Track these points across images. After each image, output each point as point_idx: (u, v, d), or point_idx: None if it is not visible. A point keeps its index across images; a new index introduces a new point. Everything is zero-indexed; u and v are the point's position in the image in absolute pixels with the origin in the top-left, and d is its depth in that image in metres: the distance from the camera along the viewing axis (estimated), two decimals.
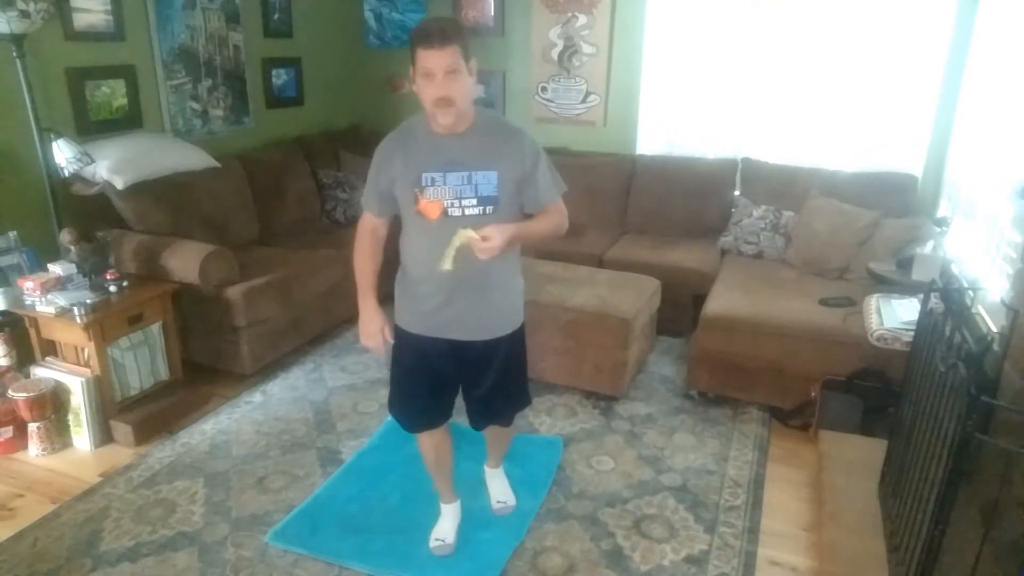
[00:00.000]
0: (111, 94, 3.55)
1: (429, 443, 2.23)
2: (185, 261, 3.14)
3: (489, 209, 1.84)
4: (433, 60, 1.69)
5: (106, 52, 3.50)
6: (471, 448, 2.75)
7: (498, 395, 2.14)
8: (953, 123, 3.85)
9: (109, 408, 2.91)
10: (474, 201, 1.83)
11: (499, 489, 2.53)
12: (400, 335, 2.07)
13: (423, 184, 1.83)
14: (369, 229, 2.05)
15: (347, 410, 3.20)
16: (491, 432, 2.35)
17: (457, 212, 1.84)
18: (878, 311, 2.92)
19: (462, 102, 1.76)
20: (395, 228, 2.05)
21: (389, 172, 1.90)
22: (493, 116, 1.96)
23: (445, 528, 2.35)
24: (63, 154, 2.98)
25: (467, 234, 1.76)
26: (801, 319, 3.06)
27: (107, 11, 3.45)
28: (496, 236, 1.75)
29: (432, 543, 2.32)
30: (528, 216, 1.98)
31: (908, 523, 1.97)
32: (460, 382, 2.15)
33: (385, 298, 2.08)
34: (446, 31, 1.70)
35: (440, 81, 1.71)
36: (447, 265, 1.79)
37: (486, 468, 2.56)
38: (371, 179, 1.96)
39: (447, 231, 1.79)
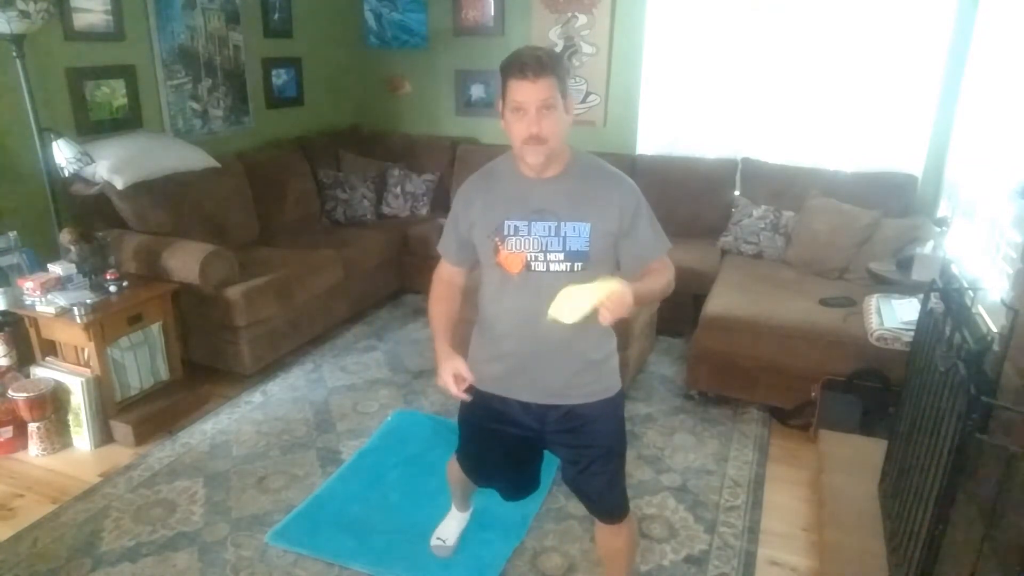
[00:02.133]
0: (111, 94, 3.55)
1: (458, 475, 2.08)
2: (185, 261, 3.14)
3: (578, 266, 1.61)
4: (526, 93, 1.51)
5: (106, 52, 3.50)
6: None
7: (588, 475, 1.82)
8: (953, 123, 3.85)
9: (109, 408, 2.91)
10: (561, 256, 1.61)
11: None
12: (476, 395, 1.79)
13: (505, 233, 1.63)
14: (445, 278, 1.85)
15: (347, 410, 3.20)
16: (600, 539, 1.96)
17: (541, 267, 1.62)
18: (878, 311, 2.92)
19: (555, 141, 1.56)
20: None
21: (469, 216, 1.70)
22: (590, 160, 1.71)
23: (448, 529, 2.34)
24: (63, 154, 2.98)
25: (607, 287, 1.45)
26: (801, 319, 3.06)
27: (107, 11, 3.45)
28: (624, 301, 1.44)
29: (433, 541, 2.32)
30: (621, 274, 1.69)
31: (908, 523, 1.96)
32: (537, 452, 1.91)
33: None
34: (543, 61, 1.50)
35: (532, 117, 1.52)
36: (571, 318, 1.48)
37: None
38: (449, 223, 1.78)
39: (530, 287, 1.62)
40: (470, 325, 1.87)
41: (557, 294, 1.51)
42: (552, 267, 1.62)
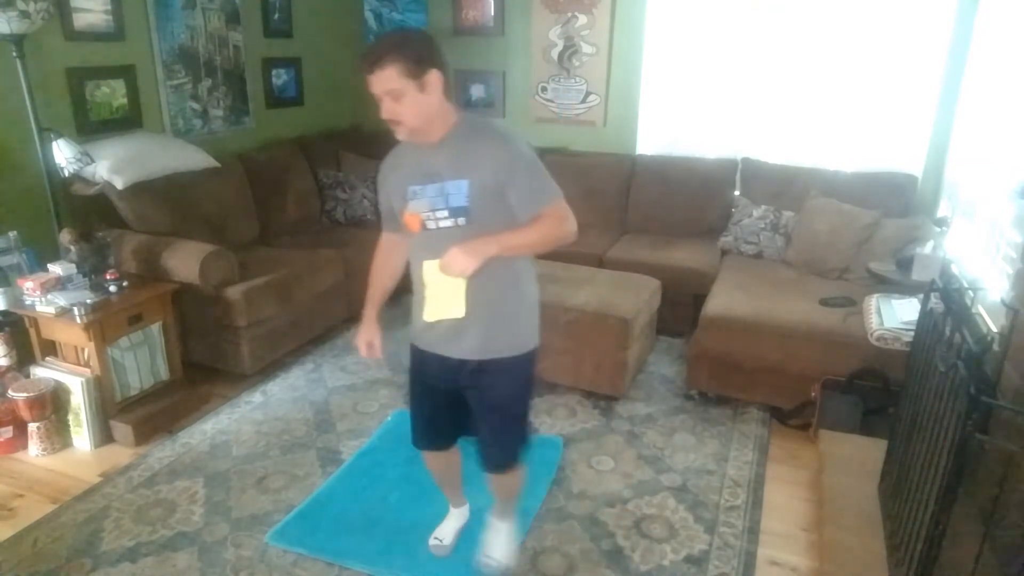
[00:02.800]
0: (111, 94, 3.55)
1: (431, 463, 2.21)
2: (185, 261, 3.14)
3: (461, 220, 1.74)
4: (371, 85, 1.67)
5: (106, 52, 3.50)
6: (470, 447, 2.75)
7: (486, 431, 1.99)
8: (953, 123, 3.85)
9: (109, 408, 2.91)
10: (446, 212, 1.75)
11: (492, 543, 2.26)
12: (411, 350, 2.02)
13: (407, 197, 1.80)
14: (383, 245, 2.05)
15: (347, 410, 3.20)
16: (489, 477, 2.14)
17: (433, 224, 1.77)
18: (878, 311, 2.92)
19: (413, 120, 1.70)
20: None
21: (387, 187, 1.91)
22: (475, 123, 1.82)
23: (446, 529, 2.35)
24: (63, 154, 2.98)
25: (428, 268, 1.76)
26: (801, 319, 3.06)
27: (107, 11, 3.45)
28: (460, 258, 1.69)
29: (431, 541, 2.32)
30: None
31: (908, 523, 1.96)
32: (463, 407, 2.00)
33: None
34: (379, 54, 1.63)
35: (384, 104, 1.68)
36: (432, 315, 1.80)
37: (489, 516, 2.30)
38: (379, 195, 1.98)
39: (430, 244, 1.77)
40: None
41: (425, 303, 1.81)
42: (441, 224, 1.77)
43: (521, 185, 1.75)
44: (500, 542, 2.25)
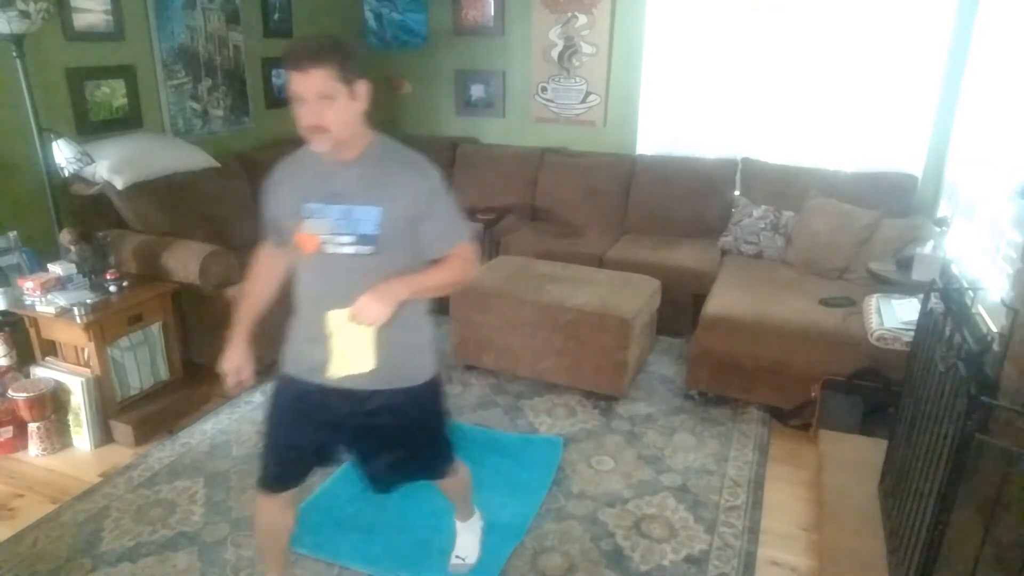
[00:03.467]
0: (111, 94, 3.55)
1: (266, 518, 1.91)
2: (185, 261, 3.14)
3: (366, 249, 1.61)
4: (302, 84, 1.51)
5: (106, 52, 3.50)
6: (470, 446, 2.74)
7: (401, 458, 1.85)
8: (953, 123, 3.85)
9: (109, 408, 2.91)
10: (351, 239, 1.61)
11: (460, 542, 2.26)
12: (280, 379, 1.85)
13: (303, 215, 1.65)
14: (262, 258, 1.89)
15: None
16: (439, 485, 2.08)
17: (332, 249, 1.63)
18: (878, 311, 2.92)
19: (339, 129, 1.56)
20: None
21: (275, 198, 1.74)
22: (391, 146, 1.70)
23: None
24: (63, 154, 2.98)
25: (335, 318, 1.59)
26: (801, 319, 3.06)
27: (107, 11, 3.45)
28: (372, 306, 1.55)
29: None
30: (430, 263, 1.73)
31: (908, 523, 1.97)
32: (340, 442, 1.87)
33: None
34: (317, 52, 1.50)
35: (312, 107, 1.52)
36: (339, 370, 1.64)
37: (454, 520, 2.26)
38: (264, 208, 1.79)
39: (326, 269, 1.65)
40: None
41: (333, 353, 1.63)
42: (343, 250, 1.63)
43: (437, 221, 1.67)
44: (469, 540, 2.26)
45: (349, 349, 1.63)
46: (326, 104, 1.52)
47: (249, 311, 1.90)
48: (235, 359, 1.86)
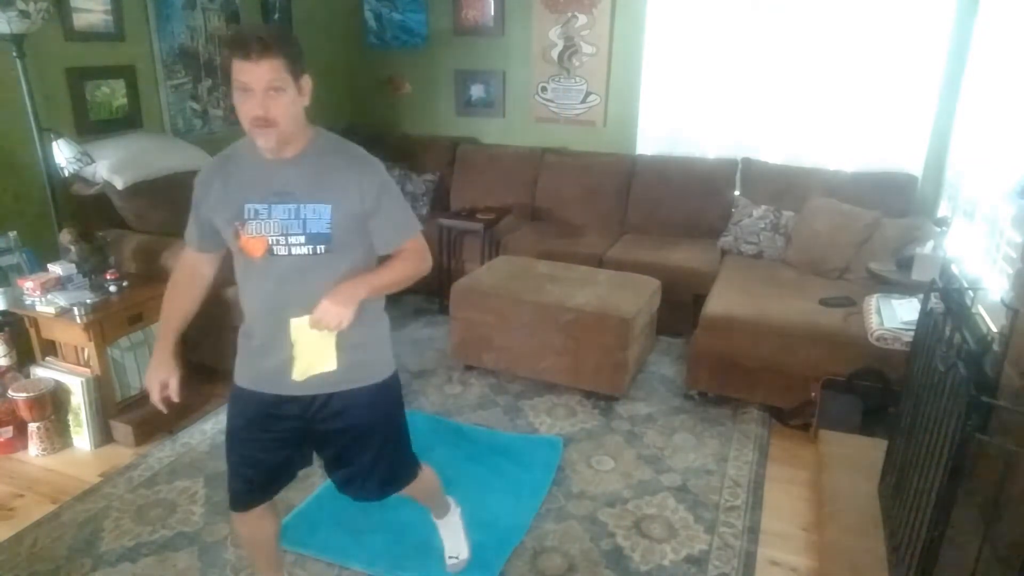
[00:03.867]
0: (111, 94, 3.55)
1: (245, 531, 1.89)
2: None
3: (320, 248, 1.56)
4: (250, 74, 1.43)
5: (106, 52, 3.50)
6: (470, 446, 2.75)
7: (368, 461, 1.81)
8: (953, 123, 3.85)
9: (109, 408, 2.91)
10: (302, 239, 1.55)
11: (447, 543, 2.23)
12: (235, 393, 1.77)
13: (245, 217, 1.56)
14: (186, 266, 1.78)
15: None
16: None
17: (283, 250, 1.56)
18: (878, 311, 2.92)
19: (286, 123, 1.50)
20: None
21: (208, 200, 1.63)
22: (333, 141, 1.66)
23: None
24: (63, 154, 2.98)
25: (298, 325, 1.57)
26: (801, 319, 3.06)
27: (107, 11, 3.45)
28: (334, 310, 1.52)
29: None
30: (382, 258, 1.71)
31: (908, 523, 1.96)
32: (306, 450, 1.84)
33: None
34: (267, 41, 1.43)
35: (259, 99, 1.45)
36: (302, 373, 1.61)
37: (433, 519, 2.22)
38: (192, 208, 1.68)
39: (278, 273, 1.58)
40: None
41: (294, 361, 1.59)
42: (295, 250, 1.56)
43: (387, 215, 1.63)
44: (453, 537, 2.23)
45: (312, 353, 1.61)
46: (274, 96, 1.47)
47: (172, 323, 1.80)
48: (160, 374, 1.76)
